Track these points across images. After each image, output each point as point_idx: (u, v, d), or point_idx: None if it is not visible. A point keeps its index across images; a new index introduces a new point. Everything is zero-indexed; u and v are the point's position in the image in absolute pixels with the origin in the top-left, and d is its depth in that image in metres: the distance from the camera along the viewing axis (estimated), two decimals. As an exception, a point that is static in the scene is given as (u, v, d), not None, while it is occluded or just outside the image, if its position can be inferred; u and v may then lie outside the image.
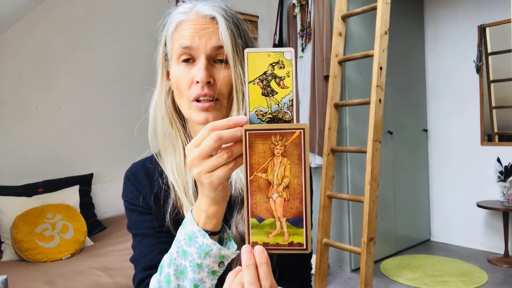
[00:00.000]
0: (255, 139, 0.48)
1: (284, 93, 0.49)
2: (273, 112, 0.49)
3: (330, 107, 2.82)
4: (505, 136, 3.57)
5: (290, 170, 0.48)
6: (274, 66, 0.49)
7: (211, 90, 0.66)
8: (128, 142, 3.04)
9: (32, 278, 1.88)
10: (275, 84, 0.49)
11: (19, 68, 2.70)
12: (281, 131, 0.48)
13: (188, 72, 0.67)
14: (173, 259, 0.57)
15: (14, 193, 2.41)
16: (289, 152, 0.48)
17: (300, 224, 0.49)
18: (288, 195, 0.49)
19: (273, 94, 0.49)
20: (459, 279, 2.97)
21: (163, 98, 0.73)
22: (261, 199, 0.49)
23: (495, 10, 3.53)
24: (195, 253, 0.54)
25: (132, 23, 3.20)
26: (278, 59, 0.49)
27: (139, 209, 0.73)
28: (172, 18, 0.71)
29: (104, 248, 2.30)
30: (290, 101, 0.49)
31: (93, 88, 3.01)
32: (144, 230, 0.71)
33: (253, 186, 0.49)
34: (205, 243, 0.54)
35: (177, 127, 0.73)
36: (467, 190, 3.72)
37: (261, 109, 0.49)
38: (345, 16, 2.84)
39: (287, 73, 0.49)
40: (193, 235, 0.55)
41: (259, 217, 0.49)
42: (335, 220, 3.20)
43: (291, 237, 0.49)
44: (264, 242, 0.49)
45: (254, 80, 0.49)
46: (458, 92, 3.80)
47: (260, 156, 0.48)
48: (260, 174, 0.49)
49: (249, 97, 0.49)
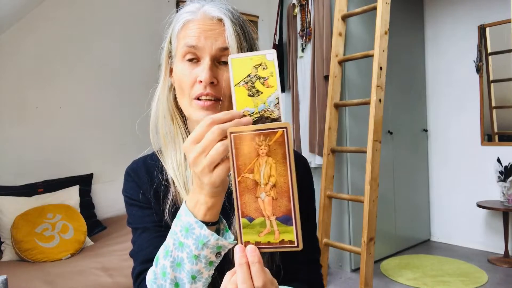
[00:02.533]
0: (240, 141, 0.49)
1: (270, 92, 0.51)
2: (260, 111, 0.51)
3: (330, 107, 2.82)
4: (505, 136, 3.57)
5: (276, 169, 0.49)
6: (257, 68, 0.50)
7: (214, 91, 0.67)
8: (128, 142, 3.04)
9: (32, 278, 1.88)
10: (260, 84, 0.50)
11: (19, 68, 2.70)
12: (264, 131, 0.49)
13: (192, 71, 0.68)
14: (169, 251, 0.58)
15: (14, 193, 2.41)
16: (273, 151, 0.49)
17: (289, 222, 0.49)
18: (276, 193, 0.49)
19: (258, 94, 0.51)
20: (459, 279, 2.97)
21: (165, 95, 0.74)
22: (250, 199, 0.50)
23: (495, 10, 3.53)
24: (193, 244, 0.55)
25: (132, 23, 3.20)
26: (260, 61, 0.50)
27: (139, 204, 0.73)
28: (179, 16, 0.71)
29: (104, 248, 2.30)
30: (276, 99, 0.51)
31: (93, 88, 3.01)
32: (143, 224, 0.72)
33: (241, 187, 0.50)
34: (203, 234, 0.54)
35: (178, 124, 0.74)
36: (467, 190, 3.72)
37: (247, 109, 0.51)
38: (345, 16, 2.84)
39: (270, 73, 0.51)
40: (190, 227, 0.55)
41: (250, 216, 0.50)
42: (335, 220, 3.20)
43: (281, 235, 0.50)
44: (256, 241, 0.50)
45: (239, 83, 0.50)
46: (458, 92, 3.80)
47: (246, 157, 0.49)
48: (247, 175, 0.50)
49: (236, 100, 0.51)
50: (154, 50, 0.76)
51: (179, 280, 0.58)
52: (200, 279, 0.57)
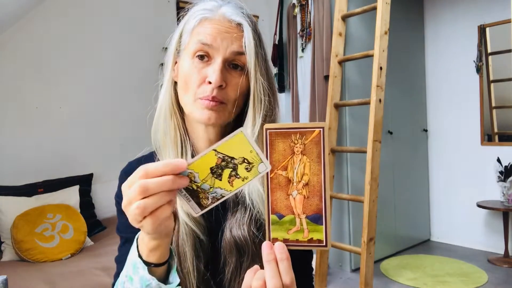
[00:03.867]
0: (276, 138, 0.49)
1: (224, 187, 0.48)
2: (199, 187, 0.48)
3: (330, 107, 2.82)
4: (505, 136, 3.57)
5: (310, 168, 0.49)
6: (243, 162, 0.48)
7: (220, 94, 0.65)
8: (128, 142, 3.04)
9: (32, 278, 1.88)
10: (226, 175, 0.48)
11: (19, 68, 2.70)
12: (300, 130, 0.48)
13: (201, 70, 0.66)
14: (122, 282, 0.57)
15: (14, 193, 2.41)
16: (309, 150, 0.49)
17: (319, 221, 0.50)
18: (308, 192, 0.50)
19: (216, 178, 0.48)
20: (459, 279, 2.97)
21: (169, 90, 0.72)
22: (281, 196, 0.50)
23: (495, 10, 3.53)
24: (138, 283, 0.54)
25: (132, 24, 3.20)
26: (253, 161, 0.48)
27: None
28: (195, 13, 0.69)
29: (104, 248, 2.30)
30: (220, 198, 0.48)
31: (93, 88, 3.01)
32: (127, 234, 0.70)
33: (273, 184, 0.50)
34: (145, 277, 0.53)
35: (177, 120, 0.72)
36: (467, 190, 3.72)
37: (195, 175, 0.48)
38: (345, 16, 2.84)
39: (244, 178, 0.48)
40: (135, 265, 0.54)
41: (279, 213, 0.50)
42: (335, 220, 3.20)
43: (310, 233, 0.50)
44: (284, 238, 0.50)
45: (219, 154, 0.47)
46: (458, 92, 3.80)
47: (280, 154, 0.49)
48: (280, 172, 0.49)
49: (201, 158, 0.47)
50: (154, 50, 0.76)
51: None
52: None
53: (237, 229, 0.67)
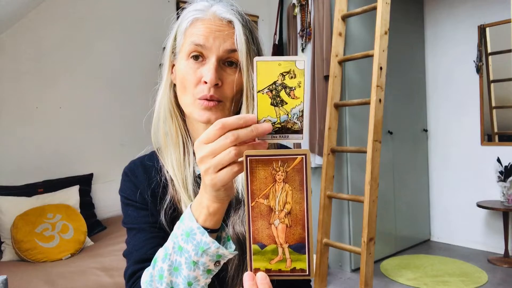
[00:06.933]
0: (256, 165, 0.47)
1: (294, 103, 0.49)
2: (282, 122, 0.49)
3: (330, 107, 2.82)
4: (505, 136, 3.57)
5: (292, 196, 0.48)
6: (284, 75, 0.48)
7: (217, 93, 0.66)
8: (128, 142, 3.04)
9: (32, 278, 1.88)
10: (285, 94, 0.48)
11: (19, 68, 2.70)
12: (282, 157, 0.47)
13: (196, 70, 0.67)
14: (168, 254, 0.57)
15: (14, 193, 2.40)
16: (291, 178, 0.47)
17: (302, 250, 0.48)
18: (290, 221, 0.48)
19: (282, 105, 0.48)
20: (459, 279, 2.97)
21: (167, 92, 0.73)
22: (263, 225, 0.48)
23: (495, 10, 3.53)
24: (192, 250, 0.54)
25: (132, 23, 3.20)
26: (289, 68, 0.48)
27: (135, 204, 0.73)
28: (187, 13, 0.70)
29: (104, 248, 2.30)
30: (300, 111, 0.49)
31: (93, 88, 3.01)
32: (139, 224, 0.71)
33: (254, 212, 0.48)
34: (204, 241, 0.53)
35: (177, 122, 0.73)
36: (467, 190, 3.72)
37: (269, 119, 0.49)
38: (345, 16, 2.84)
39: (298, 83, 0.48)
40: (191, 232, 0.54)
41: (261, 243, 0.49)
42: (335, 220, 3.20)
43: (293, 263, 0.48)
44: (267, 268, 0.49)
45: (263, 90, 0.48)
46: (458, 92, 3.80)
47: (262, 182, 0.48)
48: (261, 200, 0.48)
49: (258, 107, 0.48)
50: (154, 50, 0.76)
51: (175, 285, 0.57)
52: (196, 286, 0.56)
53: (240, 225, 0.68)
